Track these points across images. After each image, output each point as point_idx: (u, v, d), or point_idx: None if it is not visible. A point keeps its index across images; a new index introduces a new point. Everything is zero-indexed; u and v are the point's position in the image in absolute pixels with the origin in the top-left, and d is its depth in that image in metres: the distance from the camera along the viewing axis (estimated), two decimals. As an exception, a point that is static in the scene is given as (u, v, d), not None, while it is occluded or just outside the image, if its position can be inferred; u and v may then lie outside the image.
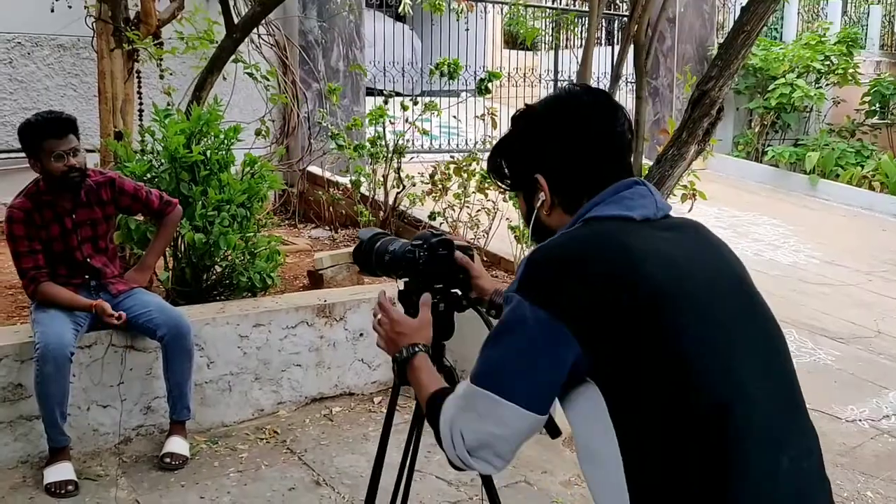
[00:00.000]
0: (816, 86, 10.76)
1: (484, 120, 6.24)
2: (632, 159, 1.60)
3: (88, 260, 3.57)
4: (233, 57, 5.00)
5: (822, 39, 10.90)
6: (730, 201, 9.05)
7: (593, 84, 8.99)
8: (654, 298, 1.36)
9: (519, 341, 1.39)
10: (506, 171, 1.62)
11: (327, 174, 7.00)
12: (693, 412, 1.34)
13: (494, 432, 1.41)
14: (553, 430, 1.64)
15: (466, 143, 8.76)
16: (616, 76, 4.11)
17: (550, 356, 1.37)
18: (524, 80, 10.12)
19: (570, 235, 1.47)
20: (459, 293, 1.89)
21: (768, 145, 10.93)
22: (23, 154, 3.55)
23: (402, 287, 1.88)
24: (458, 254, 1.89)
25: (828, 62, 10.68)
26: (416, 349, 1.69)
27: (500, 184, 1.65)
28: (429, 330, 1.75)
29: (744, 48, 4.04)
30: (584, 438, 1.43)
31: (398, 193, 6.29)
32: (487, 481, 2.11)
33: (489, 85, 6.34)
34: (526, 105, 1.62)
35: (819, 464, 1.46)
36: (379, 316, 1.78)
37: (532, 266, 1.43)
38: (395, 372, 1.86)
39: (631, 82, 10.89)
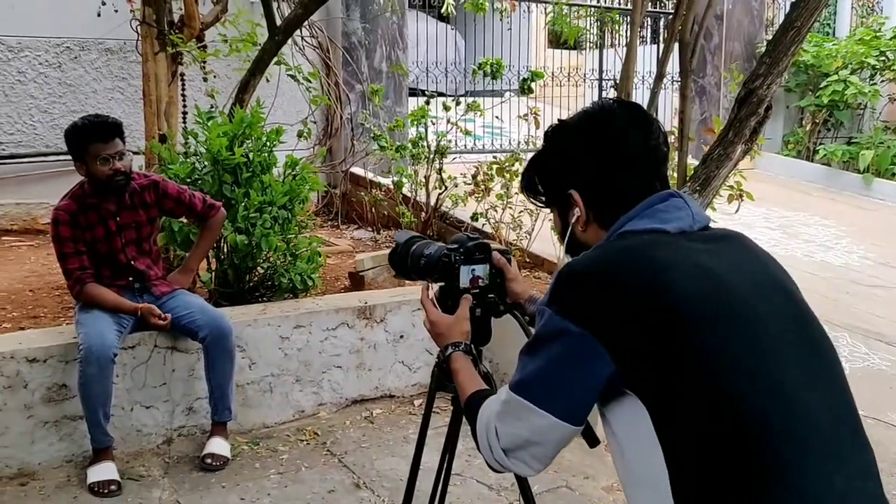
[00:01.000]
0: (871, 82, 10.49)
1: (527, 119, 6.17)
2: (667, 169, 1.58)
3: (132, 262, 3.60)
4: (275, 59, 5.01)
5: (877, 34, 10.62)
6: (779, 201, 8.85)
7: (637, 83, 8.90)
8: (686, 312, 1.33)
9: (552, 354, 1.40)
10: (540, 187, 1.61)
11: (370, 175, 7.00)
12: (738, 431, 1.28)
13: (530, 439, 1.44)
14: (591, 439, 1.60)
15: (510, 143, 8.71)
16: (660, 75, 4.03)
17: (583, 370, 1.37)
18: (568, 80, 10.04)
19: (601, 249, 1.47)
20: (496, 298, 1.85)
21: (820, 144, 10.68)
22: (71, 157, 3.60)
23: (437, 291, 1.85)
24: (495, 255, 1.87)
25: (883, 58, 10.39)
26: (452, 349, 1.73)
27: (534, 200, 1.65)
28: (465, 324, 1.77)
29: (793, 45, 3.93)
30: (629, 457, 1.40)
31: (440, 194, 6.27)
32: (523, 484, 2.07)
33: (532, 84, 6.29)
34: (559, 120, 1.61)
35: (877, 484, 1.38)
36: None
37: (563, 280, 1.43)
38: (432, 376, 1.84)
39: (676, 81, 10.76)
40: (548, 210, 1.65)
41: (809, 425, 1.31)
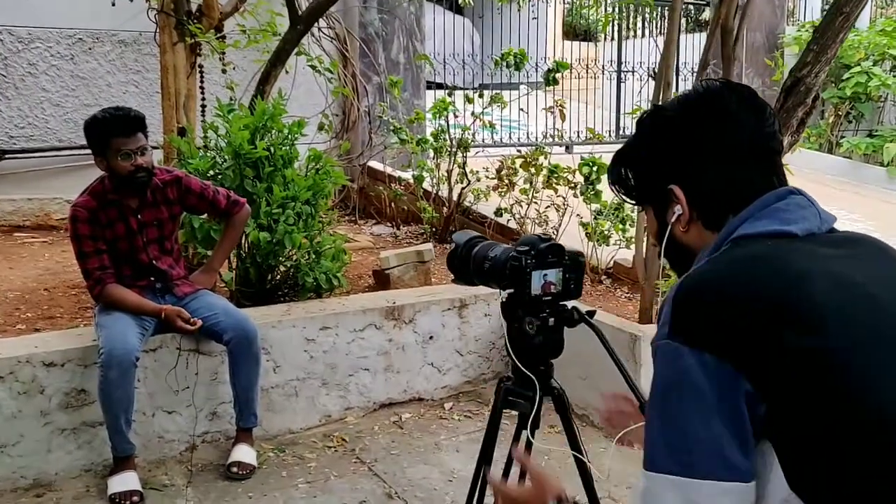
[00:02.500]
0: (893, 74, 10.28)
1: (553, 112, 6.00)
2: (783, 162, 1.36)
3: (154, 262, 3.44)
4: (296, 50, 4.85)
5: (899, 25, 10.41)
6: (804, 195, 8.66)
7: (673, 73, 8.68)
8: (835, 331, 1.11)
9: (689, 399, 1.13)
10: (631, 182, 1.40)
11: (388, 169, 6.83)
12: None
13: None
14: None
15: (528, 137, 8.53)
16: (704, 64, 3.84)
17: (730, 404, 1.11)
18: (587, 72, 9.85)
19: (721, 261, 1.23)
20: (570, 306, 1.68)
21: (842, 136, 10.48)
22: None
23: (504, 299, 1.68)
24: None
25: (906, 49, 10.18)
26: None
27: (624, 197, 1.43)
28: (551, 485, 1.44)
29: (841, 31, 3.75)
30: None
31: (463, 189, 6.10)
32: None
33: (556, 76, 6.11)
34: (654, 106, 1.42)
35: None
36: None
37: (683, 303, 1.18)
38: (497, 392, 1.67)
39: (693, 72, 10.56)
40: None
41: None
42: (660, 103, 1.44)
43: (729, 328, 1.13)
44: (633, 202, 1.43)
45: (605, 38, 11.39)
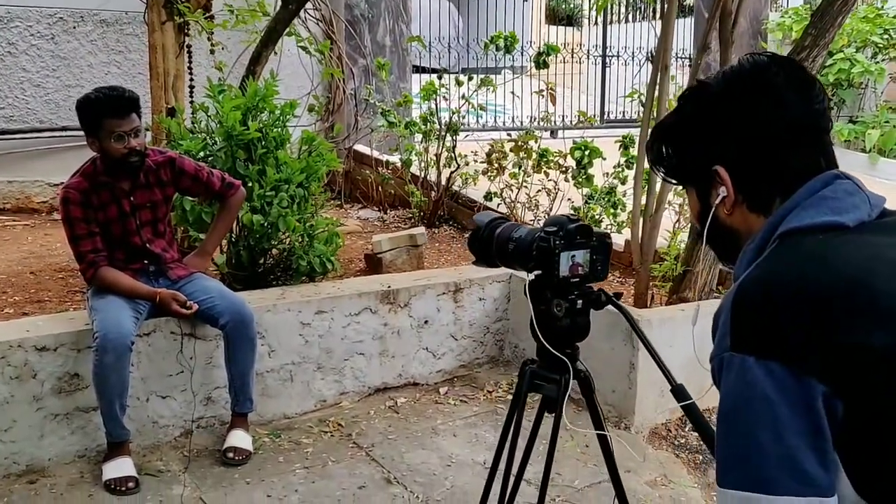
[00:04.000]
0: (874, 61, 10.34)
1: (543, 96, 5.96)
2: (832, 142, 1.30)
3: (148, 245, 3.37)
4: (286, 30, 4.77)
5: (881, 12, 10.46)
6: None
7: (671, 56, 8.66)
8: None
9: (758, 412, 1.08)
10: (674, 161, 1.34)
11: (375, 153, 6.77)
12: None
13: None
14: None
15: (513, 122, 8.49)
16: (703, 46, 3.83)
17: (804, 413, 1.06)
18: (571, 57, 9.82)
19: (776, 262, 1.17)
20: (597, 288, 1.65)
21: (824, 123, 10.53)
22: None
23: (531, 279, 1.64)
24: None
25: (887, 36, 10.24)
26: None
27: (664, 177, 1.37)
28: None
29: (840, 15, 3.76)
30: None
31: (452, 173, 6.05)
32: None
33: (546, 59, 6.06)
34: (698, 81, 1.34)
35: None
36: None
37: (742, 312, 1.13)
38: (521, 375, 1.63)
39: (681, 58, 10.56)
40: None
41: None
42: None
43: (793, 334, 1.08)
44: (675, 182, 1.38)
45: (589, 23, 11.37)
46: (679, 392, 1.55)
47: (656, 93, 4.01)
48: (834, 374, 1.05)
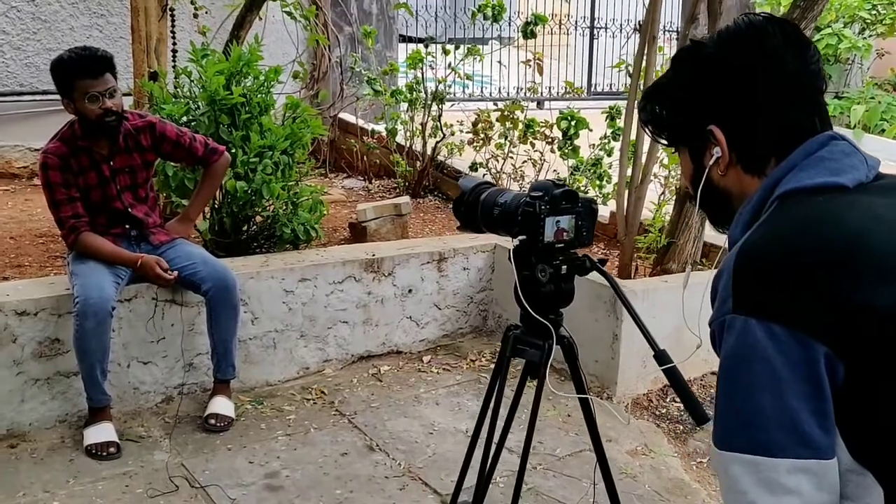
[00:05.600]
0: (862, 36, 10.35)
1: (529, 66, 5.92)
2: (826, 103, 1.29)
3: (129, 209, 3.33)
4: (271, -6, 4.71)
5: (869, -13, 10.46)
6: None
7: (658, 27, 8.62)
8: None
9: (759, 374, 1.07)
10: (666, 121, 1.32)
11: (360, 122, 6.72)
12: None
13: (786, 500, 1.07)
14: (700, 417, 1.41)
15: (499, 92, 8.45)
16: (691, 17, 3.80)
17: (806, 375, 1.06)
18: (559, 28, 9.75)
19: (777, 223, 1.16)
20: (581, 254, 1.64)
21: (809, 98, 10.55)
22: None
23: (516, 244, 1.63)
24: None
25: (874, 11, 10.24)
26: None
27: (656, 137, 1.35)
28: None
29: (829, -12, 3.73)
30: None
31: (437, 143, 6.02)
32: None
33: (534, 29, 6.02)
34: (692, 41, 1.32)
35: None
36: None
37: (743, 274, 1.12)
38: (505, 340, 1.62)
39: (669, 31, 10.51)
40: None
41: None
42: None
43: (795, 295, 1.07)
44: (666, 143, 1.36)
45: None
46: (661, 357, 1.56)
47: (643, 64, 4.00)
48: (836, 334, 1.05)
